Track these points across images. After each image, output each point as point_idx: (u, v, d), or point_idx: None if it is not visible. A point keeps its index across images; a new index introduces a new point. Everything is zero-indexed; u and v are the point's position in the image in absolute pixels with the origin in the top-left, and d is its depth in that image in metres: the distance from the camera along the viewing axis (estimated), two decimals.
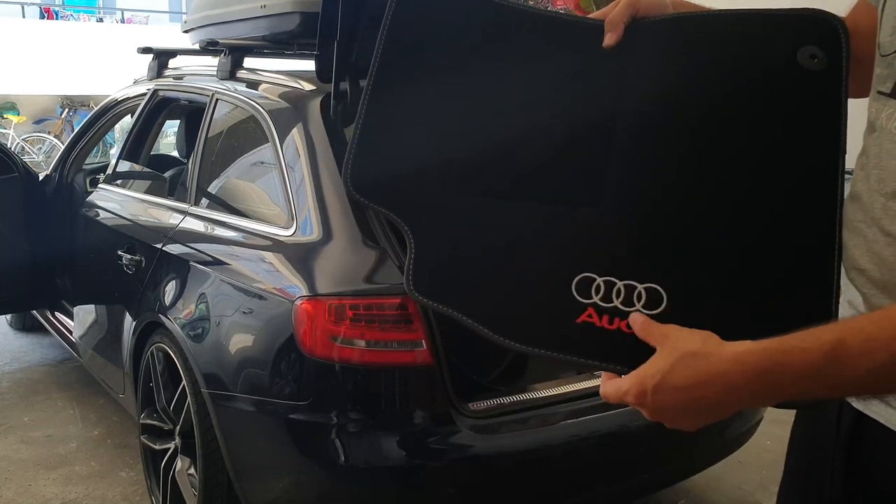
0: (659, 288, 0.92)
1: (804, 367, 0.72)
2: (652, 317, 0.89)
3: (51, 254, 3.63)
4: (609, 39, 1.03)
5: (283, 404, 1.95)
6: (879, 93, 0.86)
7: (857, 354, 0.70)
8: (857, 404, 0.88)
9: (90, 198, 3.34)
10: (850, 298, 0.90)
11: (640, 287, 0.93)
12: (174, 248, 2.51)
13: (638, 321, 0.86)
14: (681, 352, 0.78)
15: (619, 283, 0.93)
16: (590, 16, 1.08)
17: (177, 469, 2.40)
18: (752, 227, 0.94)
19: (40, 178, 3.82)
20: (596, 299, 0.93)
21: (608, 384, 0.84)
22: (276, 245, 2.13)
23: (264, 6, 2.60)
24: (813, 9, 1.01)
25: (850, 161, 0.92)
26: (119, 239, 2.88)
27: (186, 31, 3.32)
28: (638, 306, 0.91)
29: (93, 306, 3.18)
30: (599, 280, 0.94)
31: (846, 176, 0.90)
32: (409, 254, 1.00)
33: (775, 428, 2.72)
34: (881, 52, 0.87)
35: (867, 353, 0.70)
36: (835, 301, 0.87)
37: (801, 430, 1.01)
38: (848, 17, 1.01)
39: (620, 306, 0.92)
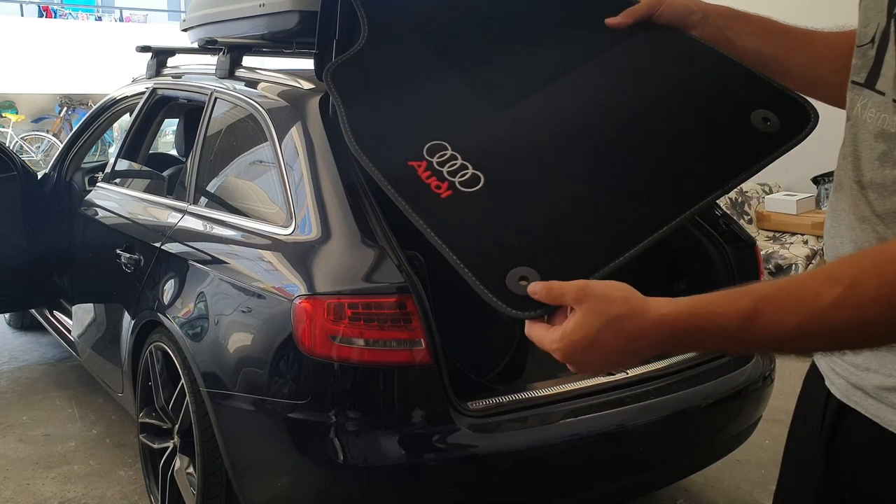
0: (481, 175, 1.03)
1: (718, 331, 0.77)
2: (466, 194, 1.00)
3: (49, 252, 3.63)
4: (613, 20, 1.14)
5: (281, 403, 1.95)
6: (854, 82, 0.87)
7: (768, 322, 0.74)
8: (839, 395, 0.88)
9: (88, 196, 3.34)
10: None
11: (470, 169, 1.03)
12: (173, 247, 2.51)
13: (538, 288, 0.87)
14: (607, 317, 0.80)
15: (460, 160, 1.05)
16: None
17: (175, 468, 2.40)
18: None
19: (39, 176, 3.82)
20: (433, 160, 1.05)
21: (534, 330, 0.86)
22: (274, 244, 2.13)
23: (263, 4, 2.60)
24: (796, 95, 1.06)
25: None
26: (117, 238, 2.87)
27: (185, 30, 3.32)
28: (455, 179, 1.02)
29: (91, 305, 3.18)
30: (450, 151, 1.06)
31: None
32: None
33: (774, 427, 2.73)
34: (857, 42, 0.88)
35: (777, 321, 0.74)
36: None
37: (795, 425, 1.01)
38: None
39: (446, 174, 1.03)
